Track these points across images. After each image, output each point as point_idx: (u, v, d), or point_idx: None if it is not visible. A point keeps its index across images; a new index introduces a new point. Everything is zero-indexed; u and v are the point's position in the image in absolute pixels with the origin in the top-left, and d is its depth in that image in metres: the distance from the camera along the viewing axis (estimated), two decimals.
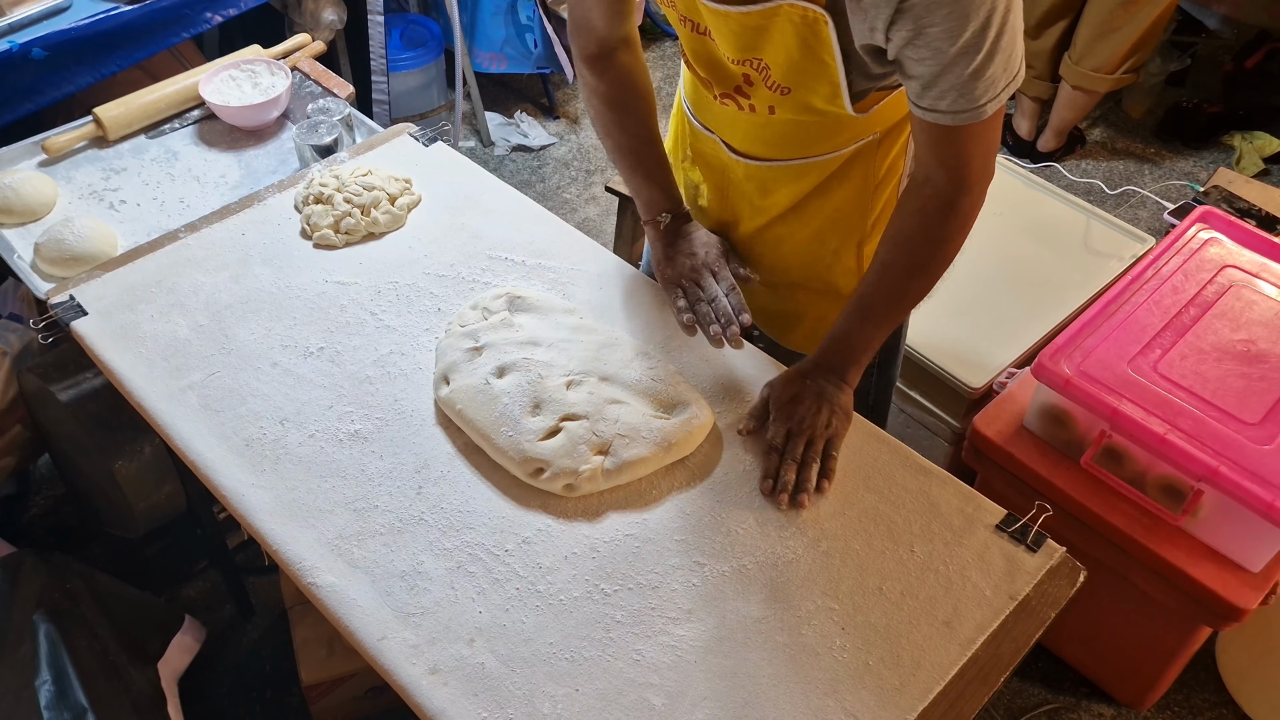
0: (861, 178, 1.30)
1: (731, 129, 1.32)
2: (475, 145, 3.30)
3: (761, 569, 1.11)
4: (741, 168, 1.34)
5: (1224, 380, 1.59)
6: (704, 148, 1.40)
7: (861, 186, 1.31)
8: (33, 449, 2.01)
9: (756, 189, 1.35)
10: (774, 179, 1.33)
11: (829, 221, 1.34)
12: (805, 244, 1.37)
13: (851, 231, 1.35)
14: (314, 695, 1.80)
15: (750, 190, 1.36)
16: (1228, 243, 1.81)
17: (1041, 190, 2.24)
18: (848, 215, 1.34)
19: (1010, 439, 1.71)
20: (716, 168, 1.39)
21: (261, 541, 1.15)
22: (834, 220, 1.34)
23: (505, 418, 1.20)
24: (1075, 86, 2.97)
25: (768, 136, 1.29)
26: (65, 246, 1.59)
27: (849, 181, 1.30)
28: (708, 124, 1.36)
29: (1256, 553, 1.53)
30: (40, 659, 1.49)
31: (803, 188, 1.32)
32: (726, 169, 1.37)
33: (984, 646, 1.04)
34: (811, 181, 1.31)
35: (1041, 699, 1.93)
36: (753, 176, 1.34)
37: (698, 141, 1.40)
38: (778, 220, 1.37)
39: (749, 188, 1.36)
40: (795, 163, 1.30)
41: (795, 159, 1.29)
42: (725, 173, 1.38)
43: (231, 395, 1.29)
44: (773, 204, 1.35)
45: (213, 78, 1.89)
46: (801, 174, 1.31)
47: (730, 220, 1.43)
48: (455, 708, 0.99)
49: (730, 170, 1.37)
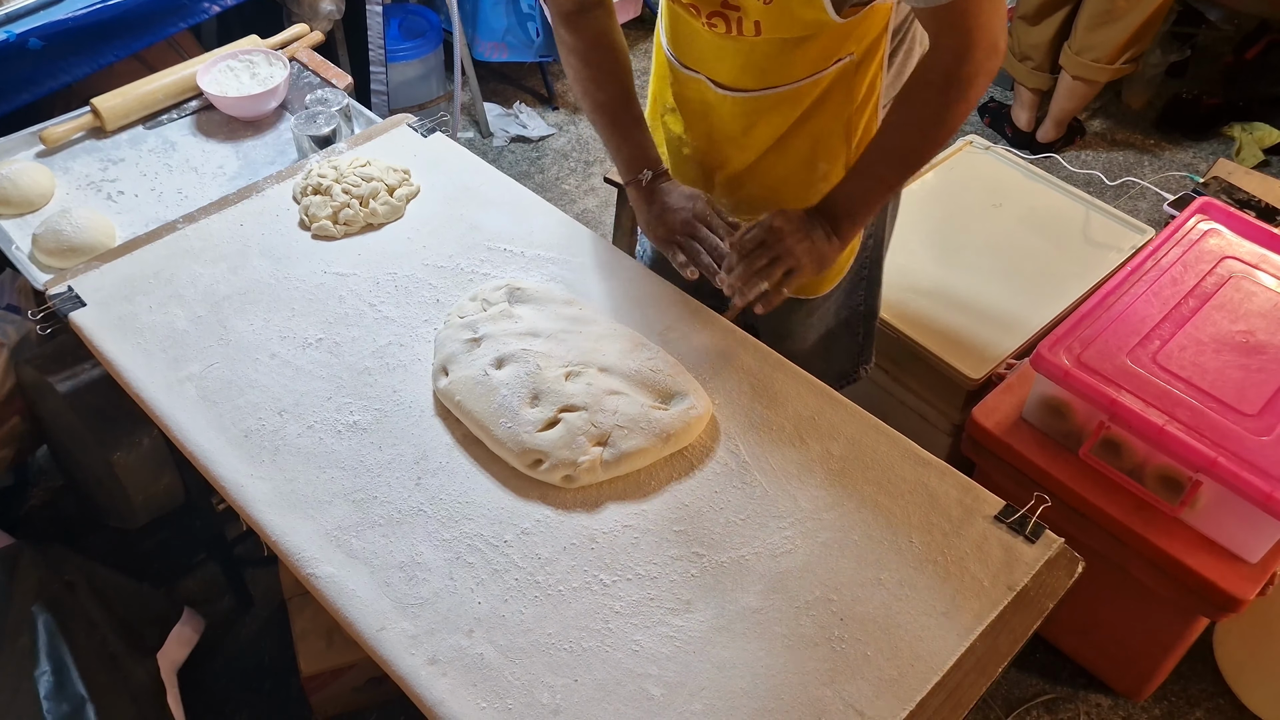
0: (843, 100, 1.33)
1: (718, 61, 1.34)
2: (474, 136, 3.30)
3: (760, 560, 1.11)
4: (727, 104, 1.37)
5: (1223, 371, 1.59)
6: (688, 92, 1.42)
7: (843, 108, 1.34)
8: (31, 441, 2.01)
9: (742, 126, 1.38)
10: (759, 111, 1.35)
11: (815, 146, 1.37)
12: (794, 171, 1.40)
13: (837, 154, 1.38)
14: (313, 686, 1.80)
15: (736, 129, 1.39)
16: (1227, 234, 1.81)
17: (1041, 181, 2.23)
18: (832, 137, 1.37)
19: (1009, 430, 1.72)
20: (700, 112, 1.42)
21: (260, 533, 1.15)
22: (820, 144, 1.37)
23: (504, 409, 1.20)
24: (1075, 77, 2.97)
25: (755, 62, 1.31)
26: (63, 238, 1.59)
27: (831, 105, 1.33)
28: (692, 63, 1.38)
29: (1254, 543, 1.53)
30: (39, 650, 1.49)
31: (788, 117, 1.35)
32: (711, 110, 1.40)
33: (982, 637, 1.05)
34: (796, 109, 1.34)
35: (1039, 689, 1.93)
36: (738, 113, 1.37)
37: (681, 87, 1.43)
38: (765, 154, 1.39)
39: (734, 127, 1.39)
40: (780, 90, 1.32)
41: (780, 86, 1.32)
42: (710, 115, 1.41)
43: (230, 386, 1.29)
44: (758, 139, 1.38)
45: (210, 68, 1.89)
46: (786, 102, 1.33)
47: (717, 163, 1.45)
48: (454, 698, 0.99)
49: (715, 111, 1.39)
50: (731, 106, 1.37)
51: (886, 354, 1.98)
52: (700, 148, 1.45)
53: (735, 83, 1.35)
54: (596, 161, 3.21)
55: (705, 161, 1.46)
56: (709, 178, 1.47)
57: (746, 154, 1.41)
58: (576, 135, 3.31)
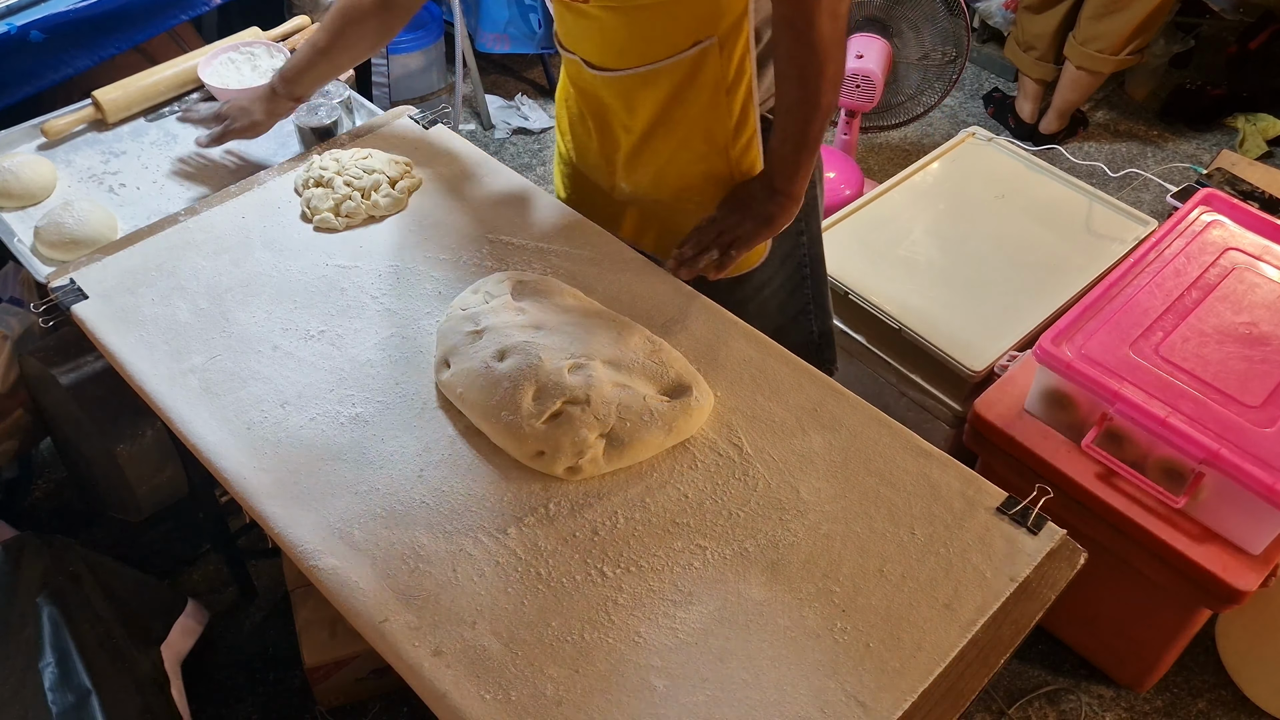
0: (713, 82, 1.36)
1: (585, 41, 1.40)
2: (476, 128, 3.29)
3: (763, 552, 1.11)
4: (601, 84, 1.43)
5: (1226, 363, 1.59)
6: (574, 76, 1.49)
7: (714, 90, 1.37)
8: (34, 433, 2.01)
9: (623, 106, 1.44)
10: (631, 90, 1.41)
11: (692, 128, 1.42)
12: (676, 151, 1.45)
13: (715, 136, 1.42)
14: (316, 677, 1.81)
15: (619, 108, 1.45)
16: (1230, 225, 1.81)
17: (1043, 173, 2.23)
18: (708, 120, 1.40)
19: (1011, 422, 1.72)
20: (589, 94, 1.48)
21: (263, 524, 1.15)
22: (696, 126, 1.41)
23: (506, 401, 1.20)
24: (1079, 67, 2.96)
25: (611, 41, 1.37)
26: (65, 230, 1.59)
27: (702, 87, 1.37)
28: (569, 44, 1.44)
29: (1257, 535, 1.53)
30: (44, 641, 1.50)
31: (659, 96, 1.39)
32: (595, 92, 1.46)
33: (984, 628, 1.05)
34: (664, 89, 1.38)
35: (1041, 681, 1.94)
36: (615, 92, 1.43)
37: (569, 71, 1.50)
38: (649, 135, 1.44)
39: (617, 106, 1.45)
40: (642, 70, 1.37)
41: (641, 66, 1.36)
42: (596, 97, 1.47)
43: (232, 379, 1.29)
44: (640, 119, 1.43)
45: (211, 60, 1.89)
46: (652, 84, 1.38)
47: (612, 145, 1.51)
48: (458, 689, 1.00)
49: (598, 92, 1.45)
50: (606, 87, 1.42)
51: (888, 346, 1.98)
52: (597, 129, 1.51)
53: (602, 62, 1.40)
54: None
55: (603, 146, 1.52)
56: (610, 160, 1.53)
57: (633, 135, 1.46)
58: None
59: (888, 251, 2.05)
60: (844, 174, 2.59)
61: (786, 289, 1.63)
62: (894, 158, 3.20)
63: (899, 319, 1.92)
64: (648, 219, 1.56)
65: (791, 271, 1.62)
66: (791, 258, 1.60)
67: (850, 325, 2.02)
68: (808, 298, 1.66)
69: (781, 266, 1.60)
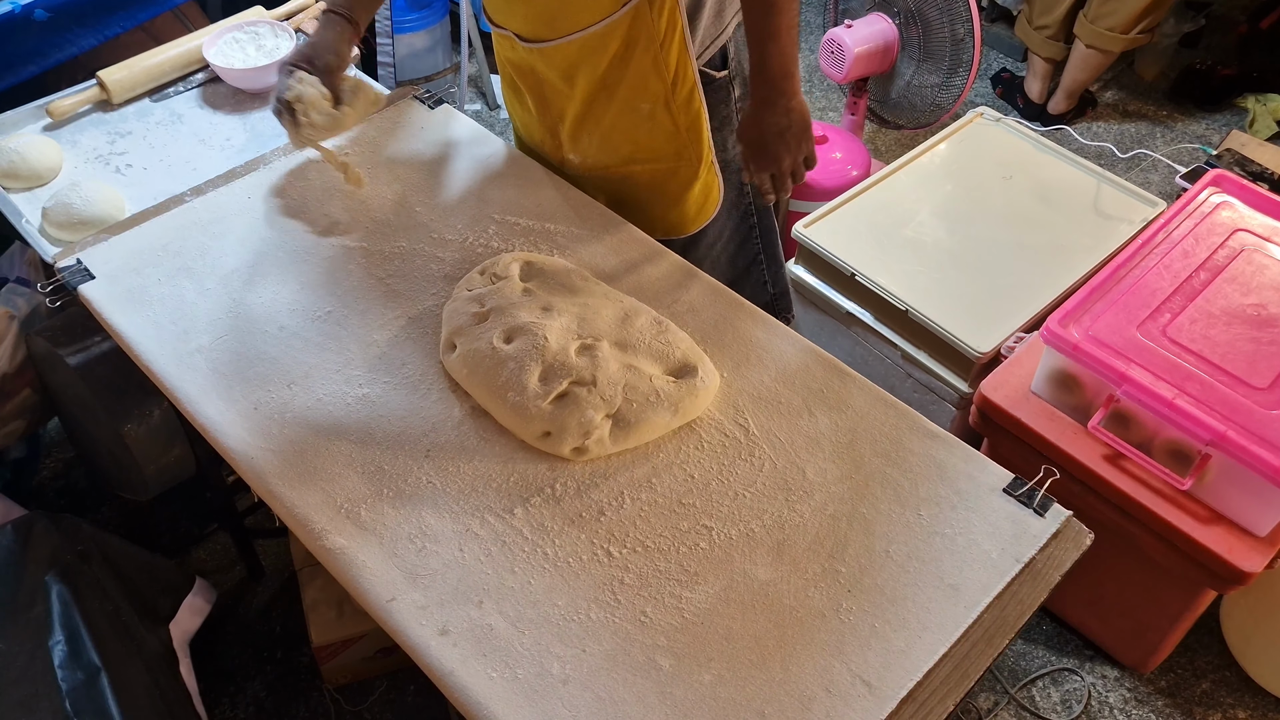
0: (646, 39, 1.38)
1: (513, 14, 1.41)
2: (481, 108, 3.28)
3: (769, 532, 1.11)
4: (536, 56, 1.43)
5: (1234, 344, 1.59)
6: (505, 50, 1.50)
7: (648, 46, 1.38)
8: (42, 412, 2.02)
9: (560, 76, 1.44)
10: (568, 61, 1.42)
11: (632, 88, 1.43)
12: (620, 114, 1.46)
13: (656, 93, 1.43)
14: (324, 656, 1.82)
15: (556, 79, 1.46)
16: (1240, 206, 1.79)
17: (1051, 153, 2.22)
18: (646, 76, 1.41)
19: (1018, 404, 1.71)
20: (525, 69, 1.49)
21: (271, 504, 1.16)
22: (635, 85, 1.42)
23: (512, 381, 1.20)
24: (1089, 46, 2.94)
25: (540, 11, 1.38)
26: (73, 211, 1.59)
27: (636, 45, 1.38)
28: (498, 19, 1.45)
29: (1263, 517, 1.53)
30: (53, 619, 1.51)
31: (596, 62, 1.40)
32: (531, 67, 1.47)
33: (989, 609, 1.05)
34: (600, 53, 1.39)
35: (1045, 661, 1.94)
36: (550, 65, 1.44)
37: (501, 47, 1.51)
38: (590, 102, 1.46)
39: (554, 77, 1.45)
40: (575, 37, 1.37)
41: (574, 33, 1.37)
42: (533, 71, 1.48)
43: (239, 359, 1.29)
44: (579, 88, 1.44)
45: (216, 40, 1.88)
46: (588, 49, 1.39)
47: (556, 118, 1.52)
48: (464, 668, 1.00)
49: (534, 66, 1.46)
50: (540, 59, 1.43)
51: (895, 327, 1.97)
52: (537, 105, 1.52)
53: (533, 34, 1.40)
54: None
55: (546, 118, 1.53)
56: (554, 134, 1.54)
57: (575, 104, 1.47)
58: None
59: (894, 232, 2.04)
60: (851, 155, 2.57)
61: (735, 240, 1.66)
62: (901, 138, 3.18)
63: (905, 300, 1.91)
64: (600, 189, 1.58)
65: (738, 222, 1.65)
66: (737, 207, 1.63)
67: (857, 306, 2.02)
68: (757, 248, 1.69)
69: (729, 218, 1.63)
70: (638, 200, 1.55)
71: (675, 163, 1.51)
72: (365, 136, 1.61)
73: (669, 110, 1.45)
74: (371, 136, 1.62)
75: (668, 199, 1.55)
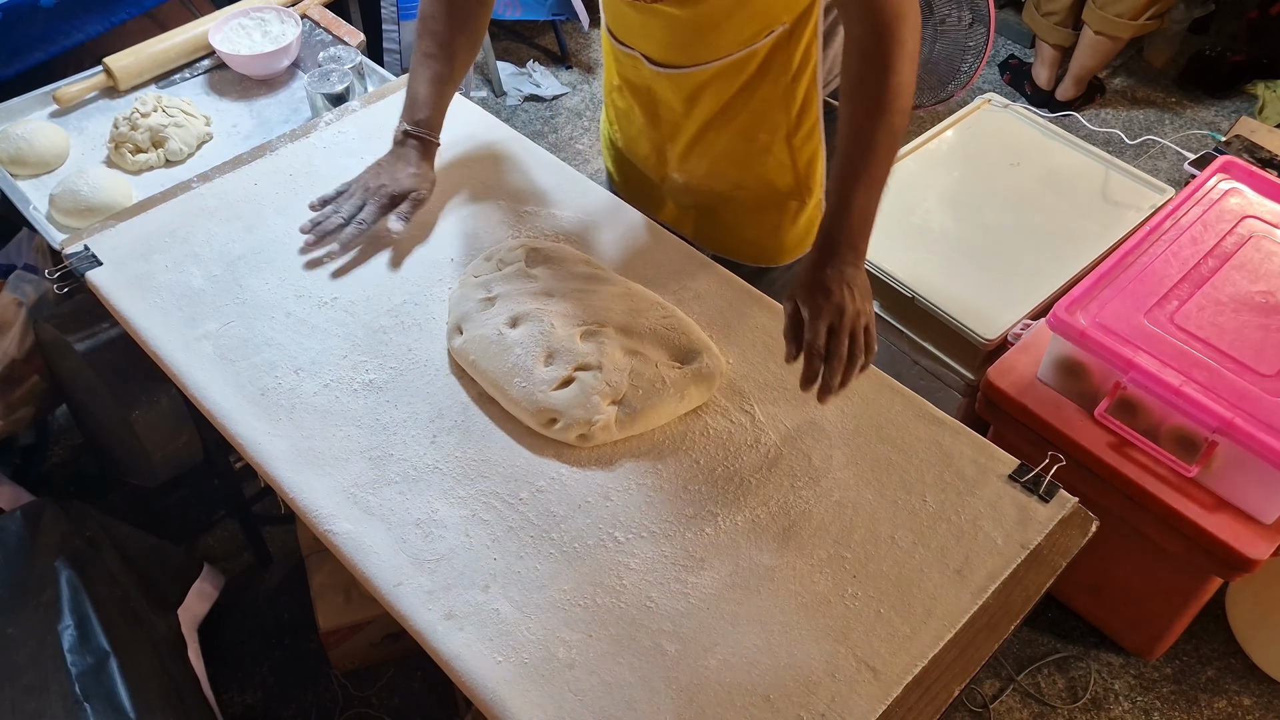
0: (779, 69, 1.32)
1: (648, 37, 1.34)
2: (487, 95, 3.28)
3: (774, 518, 1.11)
4: (663, 81, 1.36)
5: (1241, 332, 1.58)
6: (627, 70, 1.42)
7: (780, 78, 1.33)
8: (51, 399, 2.03)
9: (681, 99, 1.38)
10: (696, 87, 1.35)
11: (754, 117, 1.36)
12: (735, 143, 1.39)
13: (778, 125, 1.37)
14: (331, 641, 1.83)
15: (675, 102, 1.39)
16: (1249, 193, 1.79)
17: (1060, 140, 2.21)
18: (771, 108, 1.36)
19: (1024, 391, 1.71)
20: (642, 88, 1.42)
21: (278, 490, 1.16)
22: (758, 115, 1.36)
23: (518, 368, 1.20)
24: (1098, 32, 2.92)
25: (682, 38, 1.30)
26: (80, 197, 1.59)
27: (767, 76, 1.32)
28: (627, 39, 1.37)
29: (1270, 504, 1.53)
30: (63, 604, 1.52)
31: (725, 91, 1.34)
32: (651, 88, 1.40)
33: (995, 595, 1.05)
34: (733, 84, 1.33)
35: (1051, 648, 1.94)
36: (676, 89, 1.37)
37: (621, 65, 1.43)
38: (707, 127, 1.39)
39: (673, 100, 1.39)
40: (713, 65, 1.31)
41: (712, 61, 1.30)
42: (651, 92, 1.41)
43: (246, 345, 1.29)
44: (699, 114, 1.38)
45: (222, 26, 1.88)
46: (721, 77, 1.32)
47: (666, 138, 1.45)
48: (471, 652, 1.01)
49: (654, 88, 1.40)
50: (668, 83, 1.36)
51: (901, 314, 1.97)
52: (649, 123, 1.46)
53: (667, 59, 1.34)
54: None
55: (655, 137, 1.47)
56: (661, 153, 1.47)
57: (690, 128, 1.40)
58: (590, 94, 3.28)
59: (901, 219, 2.04)
60: None
61: None
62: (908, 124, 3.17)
63: (912, 287, 1.91)
64: (693, 207, 1.51)
65: None
66: None
67: None
68: None
69: None
70: (735, 222, 1.49)
71: (785, 196, 1.44)
72: (372, 123, 1.61)
73: (788, 144, 1.38)
74: (378, 123, 1.61)
75: (767, 227, 1.48)
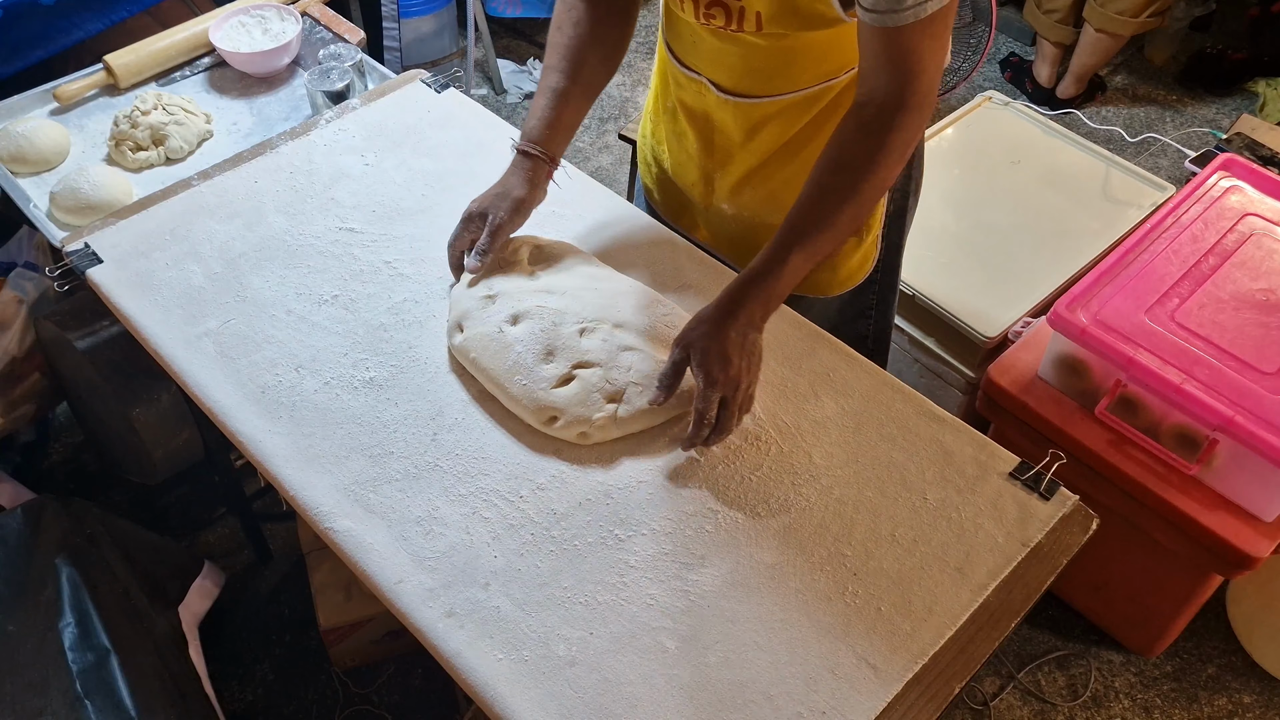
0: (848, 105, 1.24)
1: (718, 64, 1.28)
2: (488, 93, 3.28)
3: (775, 516, 1.11)
4: (729, 109, 1.31)
5: (1242, 329, 1.58)
6: (687, 95, 1.36)
7: None
8: (51, 396, 2.03)
9: (744, 131, 1.32)
10: (763, 118, 1.30)
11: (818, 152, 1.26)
12: (796, 174, 1.29)
13: None
14: (332, 639, 1.83)
15: (738, 134, 1.33)
16: (1250, 190, 1.79)
17: (1060, 138, 2.21)
18: None
19: (1025, 388, 1.71)
20: (700, 115, 1.36)
21: (279, 487, 1.16)
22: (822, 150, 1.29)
23: (519, 365, 1.20)
24: (1099, 29, 2.92)
25: (756, 67, 1.25)
26: (81, 195, 1.59)
27: (839, 110, 1.26)
28: (693, 64, 1.32)
29: (1270, 502, 1.53)
30: (63, 602, 1.52)
31: (793, 124, 1.29)
32: (710, 115, 1.34)
33: (995, 593, 1.05)
34: (803, 117, 1.28)
35: (1051, 646, 1.94)
36: (740, 118, 1.31)
37: (681, 90, 1.36)
38: (767, 160, 1.34)
39: (736, 131, 1.33)
40: (786, 97, 1.26)
41: (786, 93, 1.26)
42: (709, 118, 1.35)
43: (247, 342, 1.29)
44: (761, 145, 1.33)
45: (222, 23, 1.88)
46: (792, 109, 1.28)
47: (718, 166, 1.39)
48: (471, 649, 1.01)
49: (715, 115, 1.34)
50: (734, 111, 1.31)
51: (902, 312, 1.97)
52: (702, 149, 1.40)
53: (737, 87, 1.29)
54: (610, 119, 3.19)
55: (705, 164, 1.41)
56: (709, 180, 1.42)
57: (749, 159, 1.35)
58: None
59: None
60: None
61: (852, 292, 1.49)
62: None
63: (912, 285, 1.91)
64: (744, 236, 1.44)
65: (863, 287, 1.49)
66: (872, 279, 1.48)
67: None
68: (870, 301, 1.52)
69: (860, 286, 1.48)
70: None
71: None
72: (372, 120, 1.61)
73: None
74: (378, 121, 1.61)
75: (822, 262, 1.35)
